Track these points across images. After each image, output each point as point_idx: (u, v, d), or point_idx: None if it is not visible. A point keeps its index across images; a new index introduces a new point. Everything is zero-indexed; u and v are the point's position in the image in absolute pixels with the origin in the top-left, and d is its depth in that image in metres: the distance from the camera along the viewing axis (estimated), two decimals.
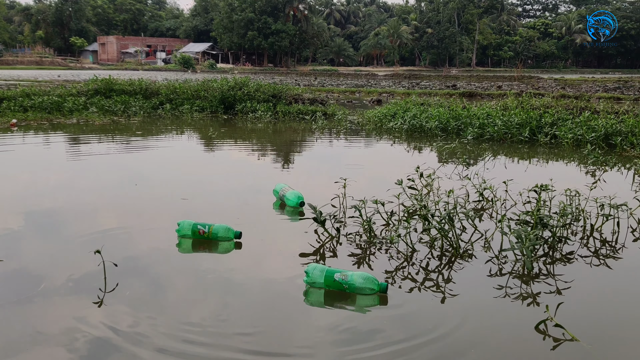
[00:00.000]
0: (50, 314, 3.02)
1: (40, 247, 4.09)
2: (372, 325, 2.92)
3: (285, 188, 5.19)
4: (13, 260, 3.71)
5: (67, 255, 3.90)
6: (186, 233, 4.17)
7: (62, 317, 2.97)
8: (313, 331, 2.88)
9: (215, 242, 4.15)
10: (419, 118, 11.03)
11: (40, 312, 3.02)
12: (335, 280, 3.27)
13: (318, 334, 2.84)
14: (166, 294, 3.31)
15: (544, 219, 3.95)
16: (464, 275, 3.57)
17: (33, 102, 13.33)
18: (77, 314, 3.01)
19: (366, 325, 2.93)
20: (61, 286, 3.34)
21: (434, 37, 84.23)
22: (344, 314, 3.08)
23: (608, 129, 8.98)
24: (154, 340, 2.72)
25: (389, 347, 2.68)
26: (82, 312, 3.03)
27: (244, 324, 2.91)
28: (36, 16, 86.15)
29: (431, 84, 30.90)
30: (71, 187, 6.10)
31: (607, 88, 25.48)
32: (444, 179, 6.23)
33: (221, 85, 14.84)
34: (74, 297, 3.22)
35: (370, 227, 4.20)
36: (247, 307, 3.12)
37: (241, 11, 76.08)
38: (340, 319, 3.02)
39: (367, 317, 3.03)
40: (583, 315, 3.09)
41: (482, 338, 2.83)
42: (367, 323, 2.96)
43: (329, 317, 3.07)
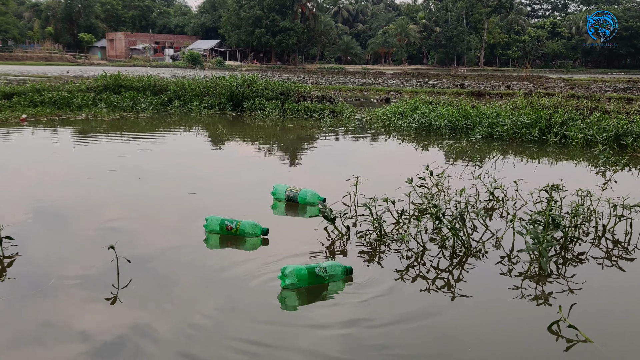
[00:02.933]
0: (61, 309, 3.03)
1: (48, 241, 4.11)
2: (379, 322, 2.90)
3: (291, 188, 5.15)
4: (22, 256, 3.72)
5: (77, 250, 3.90)
6: (214, 229, 4.19)
7: (73, 312, 2.99)
8: (317, 332, 2.88)
9: (242, 238, 4.16)
10: (427, 117, 10.99)
11: (50, 307, 3.04)
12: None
13: (322, 333, 2.83)
14: (175, 291, 3.31)
15: (556, 219, 3.92)
16: (475, 275, 3.55)
17: (43, 98, 13.40)
18: (88, 309, 3.02)
19: (375, 325, 2.91)
20: (71, 281, 3.35)
21: (442, 36, 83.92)
22: (350, 312, 3.06)
23: (619, 130, 8.91)
24: (163, 337, 2.72)
25: (396, 349, 2.67)
26: (94, 307, 3.04)
27: (250, 321, 2.91)
28: (46, 12, 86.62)
29: (439, 83, 30.82)
30: (78, 182, 6.10)
31: (617, 88, 25.31)
32: (453, 177, 6.20)
33: (229, 82, 14.84)
34: (84, 293, 3.22)
35: (380, 225, 4.18)
36: (255, 304, 3.12)
37: (249, 8, 76.09)
38: (347, 318, 3.00)
39: (375, 315, 3.00)
40: (596, 316, 3.07)
41: (494, 338, 2.82)
42: (376, 324, 2.94)
43: (334, 316, 3.06)
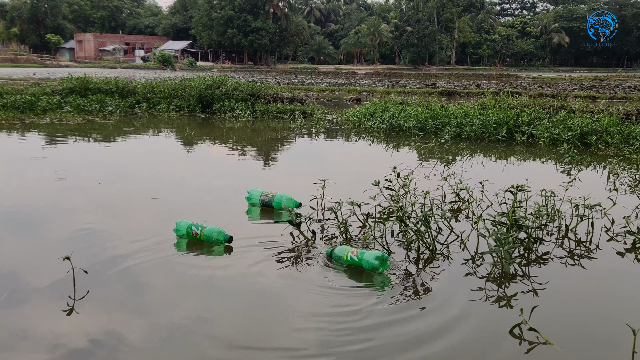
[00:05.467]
0: (20, 320, 2.93)
1: (8, 248, 3.97)
2: (346, 325, 2.88)
3: (266, 193, 5.09)
4: None
5: (39, 257, 3.80)
6: (182, 233, 4.20)
7: (32, 324, 2.89)
8: (293, 329, 2.84)
9: (208, 244, 4.14)
10: (397, 117, 11.03)
11: (12, 316, 2.93)
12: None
13: (299, 334, 2.80)
14: (143, 296, 3.23)
15: (520, 220, 3.95)
16: (440, 277, 3.55)
17: (5, 102, 13.05)
18: (47, 320, 2.92)
19: (340, 326, 2.88)
20: (30, 291, 3.25)
21: (413, 35, 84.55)
22: (323, 311, 3.03)
23: (584, 128, 9.08)
24: (130, 343, 2.65)
25: (366, 353, 2.65)
26: (53, 319, 2.94)
27: (223, 325, 2.86)
28: (11, 13, 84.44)
29: (411, 83, 31.01)
30: (42, 188, 5.94)
31: (584, 87, 25.85)
32: (421, 179, 6.22)
33: (199, 83, 14.66)
34: (43, 303, 3.12)
35: (346, 229, 4.16)
36: (224, 308, 3.06)
37: (220, 9, 75.49)
38: (317, 318, 2.97)
39: (341, 317, 2.98)
40: (558, 317, 3.09)
41: (457, 341, 2.81)
42: (342, 323, 2.91)
43: (309, 318, 3.02)
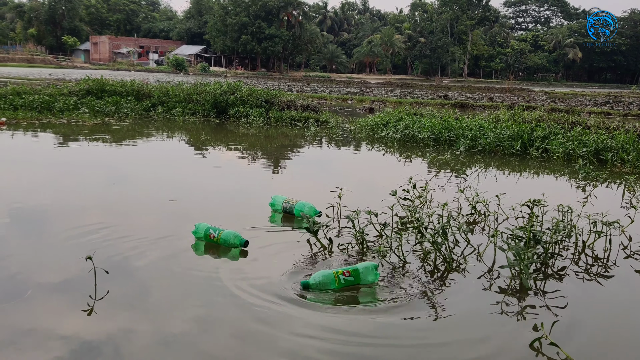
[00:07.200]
0: (37, 319, 2.97)
1: (26, 248, 4.02)
2: (357, 330, 2.89)
3: (288, 200, 5.13)
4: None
5: (55, 258, 3.84)
6: (200, 235, 4.27)
7: (49, 322, 2.93)
8: (300, 337, 2.85)
9: (225, 247, 4.19)
10: (411, 128, 11.05)
11: (26, 318, 2.97)
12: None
13: (304, 341, 2.81)
14: (153, 298, 3.27)
15: (537, 235, 3.95)
16: (456, 289, 3.55)
17: (23, 101, 13.20)
18: (65, 320, 2.96)
19: (353, 332, 2.90)
20: (49, 291, 3.29)
21: (426, 46, 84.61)
22: (326, 320, 3.04)
23: (599, 145, 9.05)
24: (141, 344, 2.68)
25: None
26: (70, 318, 2.98)
27: (229, 331, 2.88)
28: (29, 13, 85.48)
29: (423, 93, 31.04)
30: (57, 187, 6.01)
31: (597, 102, 25.73)
32: (436, 190, 6.22)
33: (214, 89, 14.77)
34: (61, 303, 3.16)
35: (362, 238, 4.18)
36: (233, 314, 3.08)
37: (235, 15, 75.96)
38: (321, 327, 2.98)
39: (354, 325, 2.99)
40: (576, 332, 3.08)
41: (475, 355, 2.81)
42: (355, 330, 2.92)
43: (316, 326, 3.04)
